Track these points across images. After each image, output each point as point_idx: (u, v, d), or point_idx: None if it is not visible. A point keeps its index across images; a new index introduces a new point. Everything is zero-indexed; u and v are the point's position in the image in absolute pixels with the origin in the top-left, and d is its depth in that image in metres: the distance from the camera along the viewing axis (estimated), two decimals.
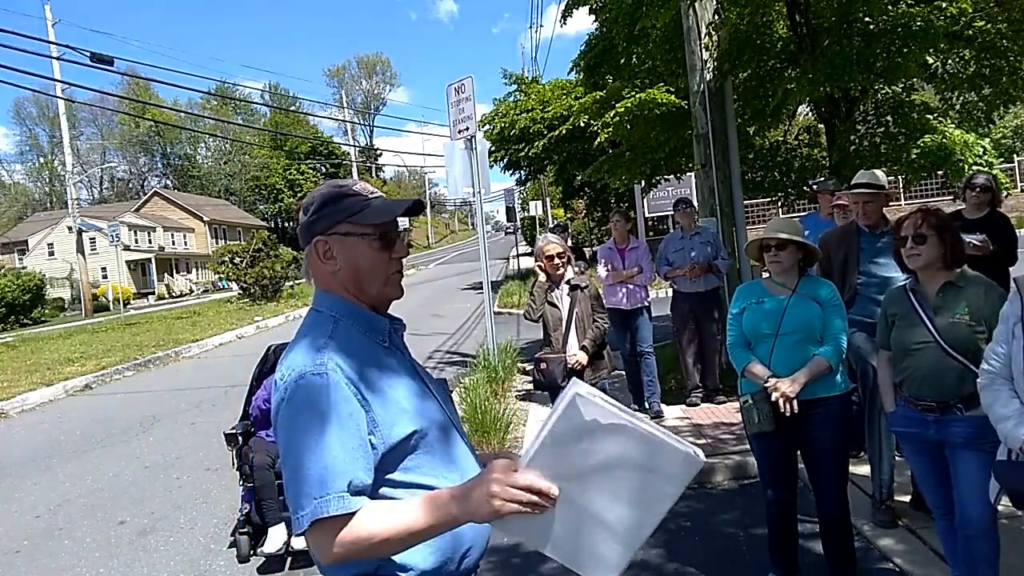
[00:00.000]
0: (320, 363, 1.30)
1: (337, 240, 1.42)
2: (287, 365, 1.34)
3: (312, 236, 1.43)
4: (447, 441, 1.42)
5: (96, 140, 67.42)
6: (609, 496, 1.15)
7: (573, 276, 4.69)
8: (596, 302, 4.67)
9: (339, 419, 1.26)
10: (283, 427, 1.31)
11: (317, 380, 1.28)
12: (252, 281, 24.02)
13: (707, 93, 6.86)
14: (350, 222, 1.42)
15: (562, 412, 1.10)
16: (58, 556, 4.68)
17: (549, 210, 35.29)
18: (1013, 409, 2.22)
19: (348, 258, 1.42)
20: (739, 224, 7.10)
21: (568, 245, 7.43)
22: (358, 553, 1.24)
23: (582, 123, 11.15)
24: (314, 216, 1.42)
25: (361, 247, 1.42)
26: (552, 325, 4.63)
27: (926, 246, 2.76)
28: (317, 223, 1.42)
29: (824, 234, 4.41)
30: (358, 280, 1.43)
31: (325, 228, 1.42)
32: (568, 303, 4.61)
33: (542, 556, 1.15)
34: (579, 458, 1.12)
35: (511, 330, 12.85)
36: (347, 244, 1.42)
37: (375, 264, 1.44)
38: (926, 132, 6.93)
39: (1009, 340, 2.27)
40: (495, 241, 53.28)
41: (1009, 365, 2.28)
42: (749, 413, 3.16)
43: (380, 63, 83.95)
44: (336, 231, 1.42)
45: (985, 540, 2.64)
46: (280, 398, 1.32)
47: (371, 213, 1.42)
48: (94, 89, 76.69)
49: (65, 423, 8.88)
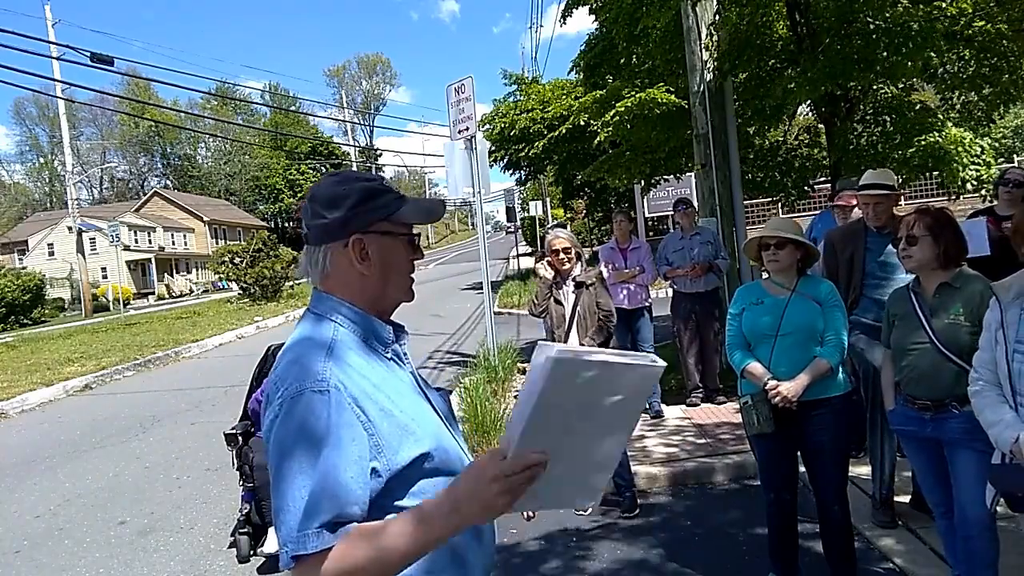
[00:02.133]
0: (322, 378, 1.18)
1: (374, 239, 1.31)
2: (283, 376, 1.21)
3: (347, 234, 1.30)
4: (453, 461, 1.32)
5: (96, 140, 67.47)
6: (589, 436, 1.12)
7: (580, 273, 4.55)
8: (602, 300, 4.50)
9: (338, 445, 1.14)
10: (275, 447, 1.17)
11: (318, 398, 1.16)
12: (252, 281, 24.02)
13: (707, 93, 6.86)
14: (391, 220, 1.33)
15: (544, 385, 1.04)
16: (58, 556, 4.68)
17: (549, 210, 35.31)
18: (1002, 413, 2.24)
19: (383, 259, 1.32)
20: (739, 224, 7.10)
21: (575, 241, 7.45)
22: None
23: (582, 123, 11.15)
24: (350, 212, 1.30)
25: (397, 248, 1.34)
26: (556, 322, 4.54)
27: (917, 247, 2.76)
28: (354, 220, 1.30)
29: (829, 232, 4.35)
30: (386, 282, 1.34)
31: (364, 226, 1.30)
32: (572, 300, 4.50)
33: (543, 556, 1.15)
34: (563, 417, 1.08)
35: (511, 330, 12.85)
36: (384, 244, 1.32)
37: (406, 266, 1.36)
38: (923, 132, 6.91)
39: (993, 346, 2.29)
40: (495, 241, 53.26)
41: (996, 371, 2.30)
42: (749, 414, 3.15)
43: (380, 63, 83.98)
44: (376, 229, 1.31)
45: (984, 540, 2.64)
46: (275, 415, 1.19)
47: (408, 212, 1.34)
48: (94, 89, 76.65)
49: (65, 423, 8.88)
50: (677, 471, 4.91)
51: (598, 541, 4.08)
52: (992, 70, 6.50)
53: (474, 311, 16.12)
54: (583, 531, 4.24)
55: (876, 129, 7.31)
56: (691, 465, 4.98)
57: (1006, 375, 2.21)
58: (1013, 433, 2.18)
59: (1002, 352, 2.26)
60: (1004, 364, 2.21)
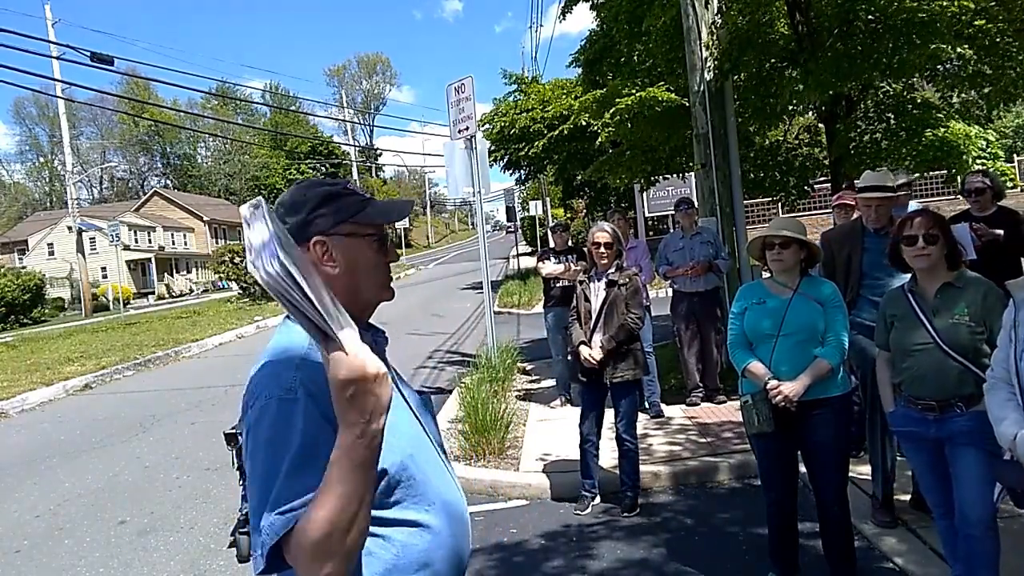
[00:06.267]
0: (291, 388, 1.19)
1: (338, 241, 1.33)
2: (255, 386, 1.24)
3: (309, 236, 1.31)
4: (430, 471, 1.33)
5: (96, 140, 67.43)
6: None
7: (614, 271, 4.48)
8: (632, 301, 4.41)
9: (304, 450, 1.14)
10: (248, 456, 1.20)
11: (286, 408, 1.17)
12: (252, 281, 23.98)
13: (707, 93, 6.85)
14: (353, 222, 1.34)
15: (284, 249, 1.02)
16: (58, 556, 4.68)
17: (549, 210, 35.27)
18: (1007, 410, 2.26)
19: (349, 260, 1.34)
20: (739, 224, 7.09)
21: (570, 245, 7.46)
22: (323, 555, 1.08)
23: (582, 122, 11.13)
24: (311, 215, 1.32)
25: (363, 248, 1.36)
26: (583, 318, 4.51)
27: (936, 246, 2.77)
28: (315, 222, 1.32)
29: (826, 232, 4.37)
30: (355, 284, 1.35)
31: (326, 227, 1.32)
32: (602, 298, 4.45)
33: (544, 554, 1.14)
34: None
35: (511, 330, 12.85)
36: (349, 245, 1.34)
37: (375, 266, 1.38)
38: (928, 127, 6.88)
39: (1008, 344, 2.30)
40: (495, 241, 53.27)
41: (1008, 368, 2.31)
42: (749, 414, 3.15)
43: (380, 63, 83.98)
44: (338, 231, 1.33)
45: (984, 539, 2.64)
46: (247, 425, 1.21)
47: (373, 213, 1.37)
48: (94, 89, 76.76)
49: (65, 423, 8.88)
50: (679, 470, 4.90)
51: (599, 540, 4.08)
52: (993, 68, 6.49)
53: (474, 311, 16.12)
54: (584, 530, 4.24)
55: (879, 127, 7.29)
56: (693, 464, 4.98)
57: (1015, 373, 2.22)
58: (1012, 431, 2.19)
59: (1012, 350, 2.27)
60: (1012, 362, 2.22)
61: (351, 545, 1.11)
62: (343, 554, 1.10)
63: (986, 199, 4.52)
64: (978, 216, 4.48)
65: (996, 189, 4.59)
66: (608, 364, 4.37)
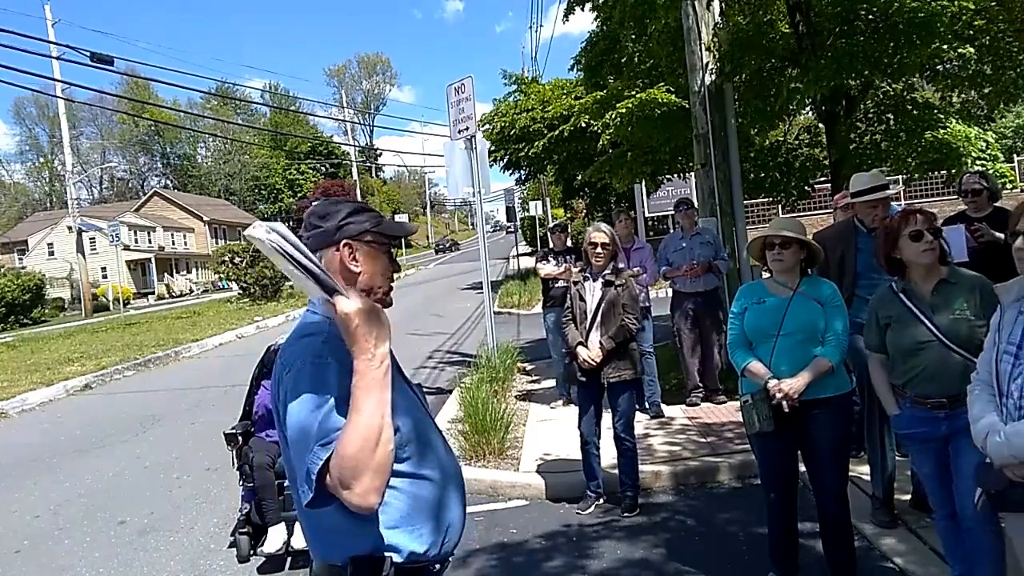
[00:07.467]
0: (321, 354, 1.47)
1: (362, 246, 1.60)
2: (290, 356, 1.50)
3: (341, 239, 1.57)
4: (431, 436, 1.64)
5: (96, 140, 67.47)
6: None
7: (610, 272, 4.48)
8: (631, 303, 4.42)
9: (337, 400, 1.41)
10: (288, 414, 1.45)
11: (320, 370, 1.44)
12: (252, 281, 24.03)
13: (707, 93, 6.85)
14: (376, 231, 1.61)
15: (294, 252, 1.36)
16: (58, 556, 4.68)
17: (549, 210, 35.25)
18: (984, 412, 2.26)
19: (368, 264, 1.60)
20: (739, 224, 7.09)
21: (569, 245, 7.45)
22: (357, 468, 1.33)
23: (583, 124, 11.11)
24: (345, 221, 1.58)
25: (379, 256, 1.63)
26: (579, 318, 4.50)
27: (938, 241, 2.79)
28: (347, 228, 1.58)
29: (819, 232, 4.37)
30: (369, 284, 1.60)
31: (355, 233, 1.59)
32: (598, 298, 4.45)
33: (545, 553, 1.15)
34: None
35: (511, 330, 12.86)
36: (370, 251, 1.61)
37: (385, 273, 1.64)
38: (928, 128, 6.87)
39: (991, 346, 2.31)
40: (495, 241, 53.27)
41: (990, 371, 2.32)
42: (749, 414, 3.15)
43: (380, 63, 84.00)
44: (362, 238, 1.60)
45: (985, 534, 2.63)
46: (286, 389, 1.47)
47: (388, 227, 1.65)
48: (94, 89, 76.77)
49: (65, 423, 8.88)
50: (679, 470, 4.90)
51: (599, 540, 4.08)
52: (994, 68, 6.49)
53: (474, 311, 16.12)
54: (584, 530, 4.24)
55: (879, 127, 7.28)
56: (693, 464, 4.98)
57: (995, 375, 2.23)
58: (984, 432, 2.19)
59: (995, 353, 2.28)
60: (993, 365, 2.23)
61: (380, 459, 1.36)
62: (374, 468, 1.35)
63: (982, 200, 4.53)
64: (974, 217, 4.49)
65: (992, 190, 4.59)
66: (606, 364, 4.38)
